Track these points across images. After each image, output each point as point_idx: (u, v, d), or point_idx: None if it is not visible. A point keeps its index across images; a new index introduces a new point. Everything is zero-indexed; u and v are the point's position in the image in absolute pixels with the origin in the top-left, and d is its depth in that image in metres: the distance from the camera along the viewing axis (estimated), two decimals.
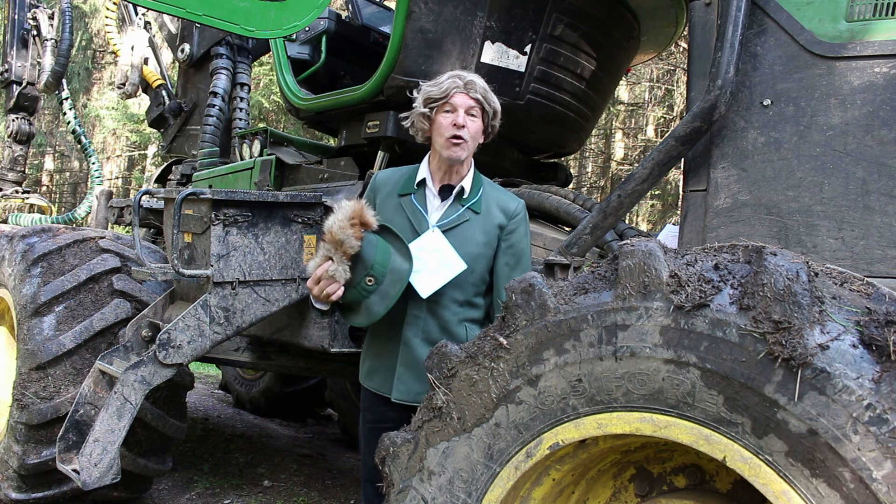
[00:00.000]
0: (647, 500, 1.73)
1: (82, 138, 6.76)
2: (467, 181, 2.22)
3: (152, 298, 3.31)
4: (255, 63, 6.28)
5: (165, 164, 5.50)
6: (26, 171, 6.75)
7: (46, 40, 6.13)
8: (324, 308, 2.14)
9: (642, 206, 12.58)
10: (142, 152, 17.86)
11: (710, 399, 1.38)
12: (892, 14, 1.85)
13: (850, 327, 1.29)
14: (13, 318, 3.39)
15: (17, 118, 6.43)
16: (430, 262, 2.12)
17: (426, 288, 2.12)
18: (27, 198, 6.44)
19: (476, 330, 2.16)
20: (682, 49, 10.42)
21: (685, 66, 7.13)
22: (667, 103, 13.25)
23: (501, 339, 1.64)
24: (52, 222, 5.92)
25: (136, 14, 5.44)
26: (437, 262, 2.12)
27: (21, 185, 6.53)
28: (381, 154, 3.27)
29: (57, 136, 19.02)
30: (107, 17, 5.67)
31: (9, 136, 6.49)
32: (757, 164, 2.00)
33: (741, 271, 1.43)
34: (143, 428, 3.15)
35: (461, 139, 2.12)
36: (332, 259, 2.04)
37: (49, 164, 21.25)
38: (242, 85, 4.95)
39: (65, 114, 6.63)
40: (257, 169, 3.77)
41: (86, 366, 3.13)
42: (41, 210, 6.50)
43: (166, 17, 5.27)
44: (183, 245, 2.87)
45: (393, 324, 2.17)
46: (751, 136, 2.02)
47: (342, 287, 2.06)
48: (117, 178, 20.02)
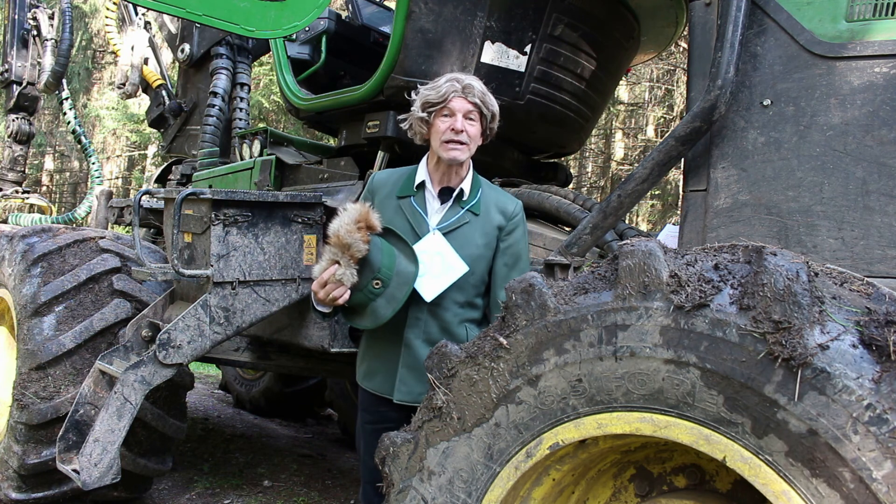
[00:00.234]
0: (647, 500, 1.73)
1: (82, 138, 6.75)
2: (466, 183, 2.22)
3: (152, 298, 3.31)
4: (255, 63, 6.28)
5: (165, 164, 5.50)
6: (26, 171, 6.75)
7: (46, 40, 6.13)
8: (326, 311, 2.14)
9: (642, 206, 12.58)
10: (142, 152, 17.86)
11: (710, 399, 1.38)
12: (892, 14, 1.85)
13: (850, 327, 1.29)
14: (13, 318, 3.39)
15: (17, 118, 6.43)
16: (433, 266, 2.12)
17: (430, 291, 2.12)
18: (27, 198, 6.43)
19: (476, 330, 2.16)
20: (682, 49, 10.42)
21: (685, 66, 7.12)
22: (667, 103, 13.25)
23: (501, 339, 1.64)
24: (52, 222, 5.92)
25: (136, 14, 5.44)
26: (440, 265, 2.12)
27: (21, 185, 6.53)
28: (381, 154, 3.27)
29: (57, 136, 19.02)
30: (107, 17, 5.67)
31: (9, 136, 6.49)
32: (757, 164, 2.00)
33: (741, 271, 1.43)
34: (143, 428, 3.15)
35: (460, 142, 2.13)
36: (338, 263, 2.03)
37: (49, 164, 21.25)
38: (242, 85, 4.95)
39: (65, 114, 6.63)
40: (257, 169, 3.77)
41: (86, 366, 3.13)
42: (41, 210, 6.50)
43: (166, 17, 5.26)
44: (183, 245, 2.87)
45: (393, 326, 2.16)
46: (751, 136, 2.02)
47: (348, 291, 2.05)
48: (117, 178, 20.02)
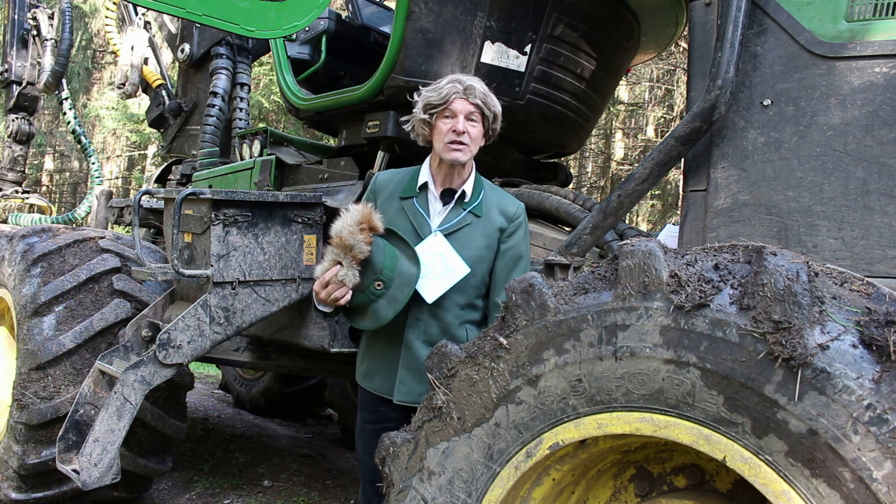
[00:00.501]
0: (647, 500, 1.73)
1: (82, 138, 6.75)
2: (469, 185, 2.22)
3: (152, 298, 3.31)
4: (255, 63, 6.28)
5: (165, 164, 5.49)
6: (26, 171, 6.75)
7: (46, 40, 6.13)
8: (328, 311, 2.14)
9: (642, 206, 12.58)
10: (142, 152, 17.86)
11: (710, 399, 1.38)
12: (892, 14, 1.85)
13: (850, 327, 1.29)
14: (13, 318, 3.39)
15: (17, 118, 6.42)
16: (434, 267, 2.12)
17: (431, 293, 2.12)
18: (27, 198, 6.43)
19: (476, 331, 2.16)
20: (682, 49, 10.42)
21: (685, 66, 7.13)
22: (667, 103, 13.25)
23: (501, 339, 1.64)
24: (52, 222, 5.92)
25: (136, 14, 5.43)
26: (441, 267, 2.12)
27: (21, 185, 6.53)
28: (381, 154, 3.27)
29: (57, 136, 19.01)
30: (107, 17, 5.67)
31: (9, 136, 6.48)
32: (757, 164, 2.00)
33: (741, 271, 1.43)
34: (143, 428, 3.15)
35: (462, 144, 2.13)
36: (340, 263, 2.03)
37: (49, 164, 21.25)
38: (242, 85, 4.95)
39: (65, 114, 6.63)
40: (257, 169, 3.77)
41: (86, 366, 3.13)
42: (41, 210, 6.50)
43: (166, 17, 5.26)
44: (183, 245, 2.87)
45: (394, 326, 2.16)
46: (751, 136, 2.02)
47: (350, 292, 2.05)
48: (117, 178, 20.02)
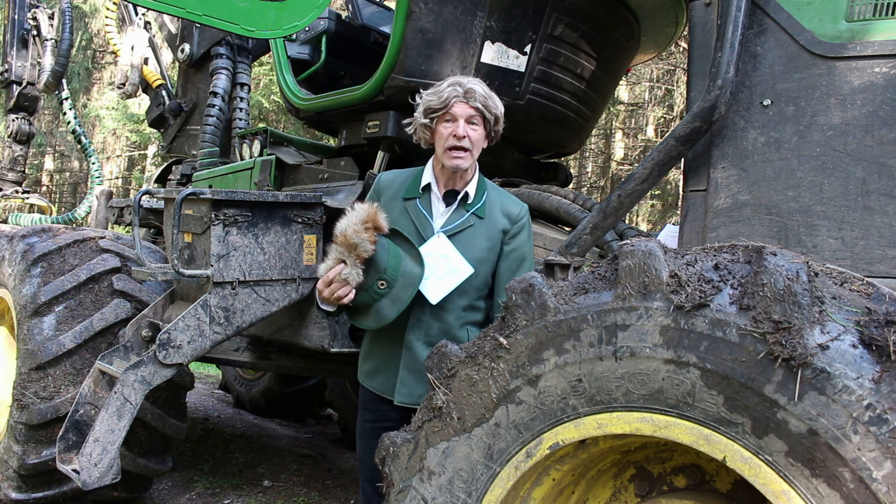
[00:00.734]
0: (647, 500, 1.73)
1: (82, 138, 6.75)
2: (472, 186, 2.22)
3: (152, 298, 3.31)
4: (255, 63, 6.28)
5: (165, 164, 5.49)
6: (26, 171, 6.75)
7: (46, 40, 6.13)
8: (330, 310, 2.14)
9: (642, 206, 12.58)
10: (142, 152, 17.86)
11: (710, 399, 1.38)
12: (892, 14, 1.85)
13: (850, 327, 1.29)
14: (13, 318, 3.39)
15: (17, 118, 6.43)
16: (438, 268, 2.12)
17: (435, 294, 2.12)
18: (27, 198, 6.43)
19: (477, 332, 2.15)
20: (682, 49, 10.42)
21: (685, 66, 7.12)
22: (667, 103, 13.25)
23: (501, 339, 1.64)
24: (52, 222, 5.92)
25: (136, 14, 5.43)
26: (445, 268, 2.12)
27: (21, 185, 6.53)
28: (381, 154, 3.27)
29: (57, 136, 19.01)
30: (107, 17, 5.67)
31: (9, 136, 6.48)
32: (757, 164, 2.00)
33: (741, 271, 1.43)
34: (143, 428, 3.15)
35: (463, 149, 2.12)
36: (344, 262, 2.03)
37: (49, 164, 21.25)
38: (242, 85, 4.94)
39: (65, 114, 6.63)
40: (257, 169, 3.77)
41: (86, 366, 3.13)
42: (41, 210, 6.50)
43: (166, 17, 5.26)
44: (183, 245, 2.87)
45: (396, 326, 2.16)
46: (751, 136, 2.02)
47: (353, 290, 2.05)
48: (117, 178, 20.02)
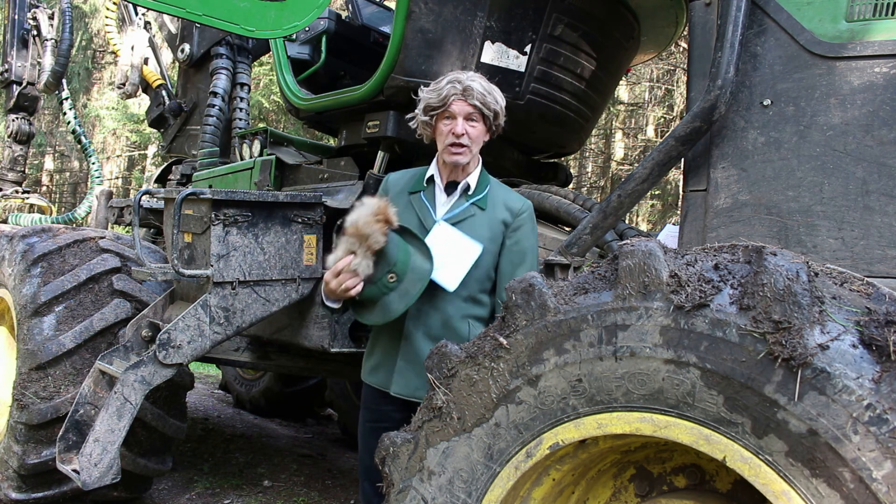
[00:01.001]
0: (647, 500, 1.73)
1: (82, 138, 6.75)
2: (473, 178, 2.25)
3: (152, 298, 3.31)
4: (255, 63, 6.27)
5: (165, 164, 5.49)
6: (26, 171, 6.74)
7: (46, 40, 6.12)
8: (335, 306, 2.13)
9: (642, 206, 12.58)
10: (142, 152, 17.85)
11: (710, 399, 1.38)
12: (892, 14, 1.85)
13: (850, 327, 1.29)
14: (13, 318, 3.39)
15: (17, 118, 6.42)
16: (447, 254, 2.14)
17: (451, 280, 2.13)
18: (27, 198, 6.43)
19: (480, 327, 2.16)
20: (682, 49, 10.42)
21: (685, 66, 7.12)
22: (667, 103, 13.25)
23: (501, 339, 1.64)
24: (52, 222, 5.92)
25: (136, 14, 5.43)
26: (453, 252, 2.14)
27: (21, 185, 6.52)
28: (381, 154, 3.26)
29: (57, 136, 19.01)
30: (107, 17, 5.67)
31: (9, 136, 6.48)
32: (757, 164, 2.00)
33: (741, 271, 1.43)
34: (143, 428, 3.15)
35: (462, 146, 2.16)
36: (354, 253, 2.03)
37: (49, 164, 21.24)
38: (242, 85, 4.94)
39: (65, 114, 6.62)
40: (257, 169, 3.77)
41: (86, 366, 3.13)
42: (41, 210, 6.50)
43: (166, 17, 5.26)
44: (183, 245, 2.87)
45: (399, 320, 2.18)
46: (751, 136, 2.02)
47: (362, 282, 2.05)
48: (117, 178, 20.02)
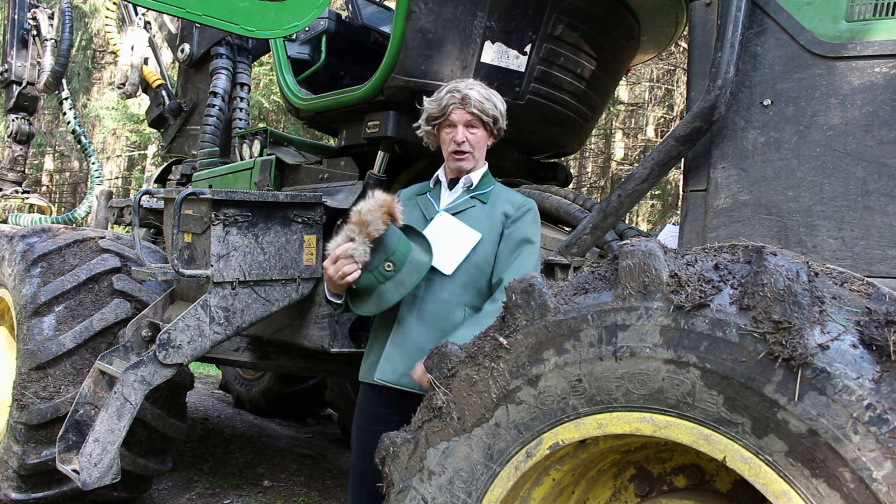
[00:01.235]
0: (647, 500, 1.73)
1: (82, 138, 6.74)
2: (476, 175, 2.33)
3: (152, 298, 3.31)
4: (255, 63, 6.27)
5: (165, 164, 5.49)
6: (26, 171, 6.74)
7: (46, 40, 6.12)
8: (338, 301, 2.16)
9: (642, 206, 12.58)
10: (142, 152, 17.85)
11: (710, 399, 1.38)
12: (892, 14, 1.85)
13: (851, 327, 1.29)
14: (13, 318, 3.39)
15: (17, 118, 6.42)
16: (447, 242, 2.20)
17: (448, 264, 2.18)
18: (27, 198, 6.43)
19: None
20: (682, 49, 10.42)
21: (685, 66, 7.12)
22: (667, 103, 13.25)
23: (501, 339, 1.64)
24: (52, 222, 5.91)
25: (136, 14, 5.43)
26: (453, 240, 2.21)
27: (21, 185, 6.52)
28: (381, 154, 3.26)
29: (57, 136, 19.00)
30: (107, 17, 5.66)
31: (9, 136, 6.48)
32: (757, 164, 2.00)
33: (741, 271, 1.43)
34: (143, 428, 3.15)
35: (464, 152, 2.25)
36: (353, 240, 2.06)
37: (49, 164, 21.24)
38: (242, 85, 4.94)
39: (65, 114, 6.62)
40: (257, 169, 3.77)
41: (86, 366, 3.13)
42: (41, 210, 6.49)
43: (166, 17, 5.26)
44: (183, 245, 2.87)
45: (393, 312, 2.21)
46: (751, 136, 2.02)
47: (359, 269, 2.07)
48: (117, 178, 20.01)
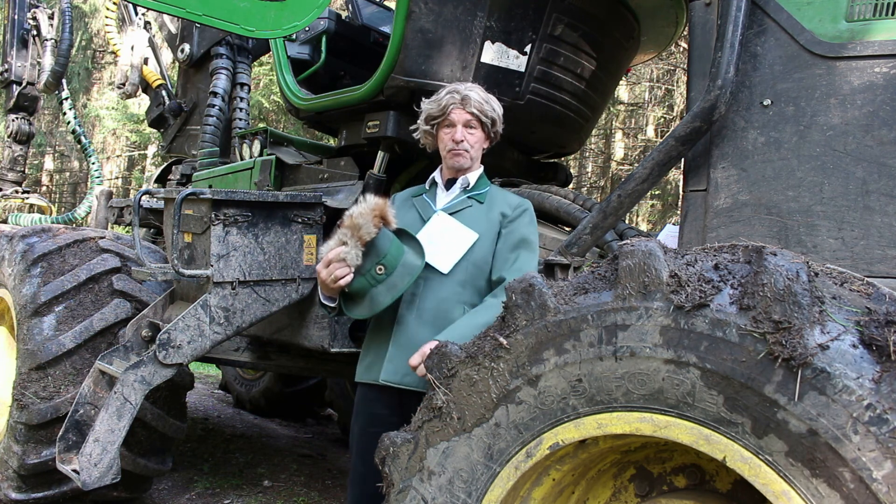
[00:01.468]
0: (647, 500, 1.73)
1: (82, 138, 6.74)
2: (473, 175, 2.34)
3: (152, 298, 3.31)
4: (255, 63, 6.27)
5: (165, 164, 5.49)
6: (26, 171, 6.74)
7: (46, 40, 6.12)
8: (331, 304, 2.17)
9: (642, 206, 12.58)
10: (142, 152, 17.85)
11: (710, 399, 1.38)
12: (892, 14, 1.85)
13: (850, 327, 1.29)
14: (13, 318, 3.39)
15: (17, 118, 6.42)
16: (444, 241, 2.21)
17: (445, 263, 2.19)
18: (27, 198, 6.43)
19: None
20: (682, 49, 10.42)
21: (685, 66, 7.12)
22: (667, 103, 13.24)
23: (501, 339, 1.64)
24: (52, 222, 5.91)
25: (136, 14, 5.43)
26: (450, 239, 2.22)
27: (21, 185, 6.52)
28: (381, 154, 3.27)
29: (57, 136, 19.00)
30: (107, 17, 5.67)
31: (9, 136, 6.48)
32: (757, 164, 2.00)
33: (741, 271, 1.43)
34: (143, 428, 3.15)
35: (462, 150, 2.27)
36: (346, 244, 2.06)
37: (49, 164, 21.24)
38: (242, 85, 4.94)
39: (65, 114, 6.62)
40: (257, 169, 3.77)
41: (86, 366, 3.13)
42: (41, 210, 6.49)
43: (166, 17, 5.26)
44: (183, 245, 2.87)
45: (392, 311, 2.20)
46: (751, 136, 2.02)
47: (351, 272, 2.07)
48: (117, 178, 20.01)
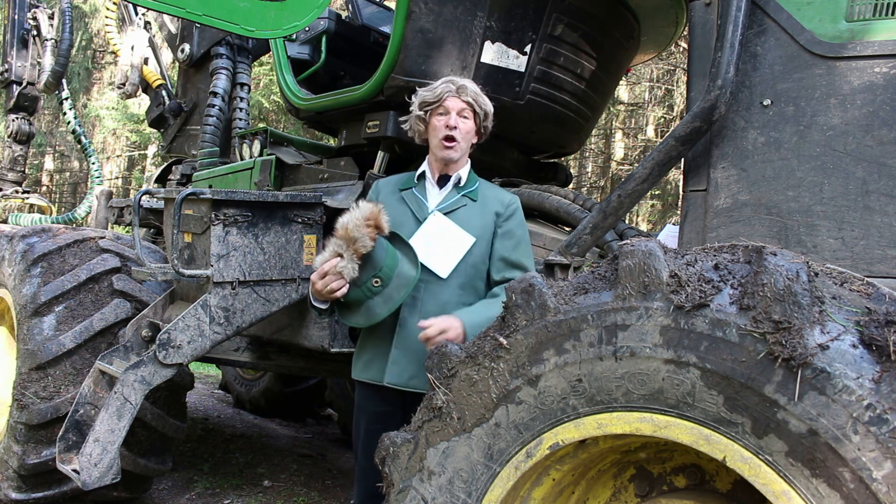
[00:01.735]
0: (647, 500, 1.73)
1: (82, 138, 6.75)
2: (464, 171, 2.34)
3: (152, 298, 3.31)
4: (255, 63, 6.27)
5: (165, 164, 5.49)
6: (26, 171, 6.74)
7: (46, 40, 6.12)
8: (322, 307, 2.15)
9: (642, 206, 12.58)
10: (142, 152, 17.85)
11: (710, 399, 1.38)
12: (892, 14, 1.85)
13: (850, 327, 1.29)
14: (13, 318, 3.39)
15: (17, 118, 6.42)
16: (441, 244, 2.19)
17: (444, 268, 2.19)
18: (27, 198, 6.43)
19: None
20: (682, 49, 10.42)
21: (685, 66, 7.12)
22: (667, 103, 13.24)
23: (501, 339, 1.64)
24: (52, 222, 5.91)
25: (136, 14, 5.43)
26: (447, 242, 2.20)
27: (21, 185, 6.52)
28: (381, 154, 3.27)
29: (57, 136, 19.00)
30: (107, 17, 5.67)
31: (9, 136, 6.48)
32: (757, 164, 2.00)
33: (741, 271, 1.43)
34: (143, 428, 3.15)
35: (454, 140, 2.24)
36: (341, 256, 2.04)
37: (49, 164, 21.24)
38: (242, 85, 4.94)
39: (65, 114, 6.62)
40: (257, 169, 3.77)
41: (86, 366, 3.13)
42: (41, 210, 6.49)
43: (166, 17, 5.26)
44: (183, 245, 2.87)
45: (390, 315, 2.19)
46: (751, 136, 2.02)
47: (347, 285, 2.06)
48: (117, 178, 20.01)
